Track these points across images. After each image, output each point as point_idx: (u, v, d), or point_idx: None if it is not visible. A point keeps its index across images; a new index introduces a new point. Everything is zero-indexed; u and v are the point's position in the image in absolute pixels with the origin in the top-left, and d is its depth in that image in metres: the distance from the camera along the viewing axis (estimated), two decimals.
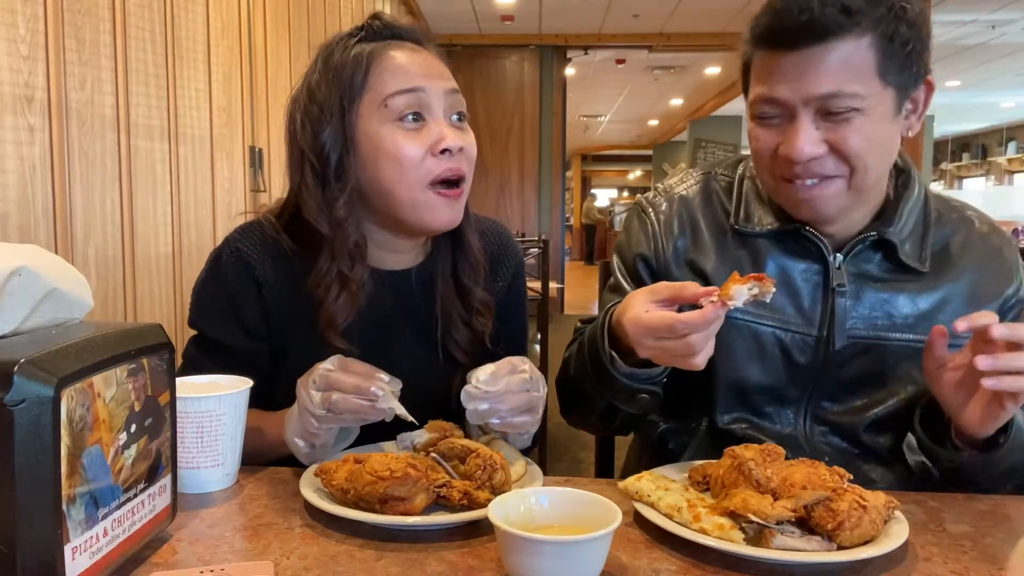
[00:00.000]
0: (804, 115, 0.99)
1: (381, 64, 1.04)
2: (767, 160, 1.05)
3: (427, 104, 1.04)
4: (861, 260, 1.11)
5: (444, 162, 1.03)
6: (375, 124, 1.03)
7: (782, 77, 0.99)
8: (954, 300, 1.10)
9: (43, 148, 1.64)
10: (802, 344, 1.11)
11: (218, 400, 0.94)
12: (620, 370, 0.99)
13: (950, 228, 1.15)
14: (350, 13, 4.15)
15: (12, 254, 0.70)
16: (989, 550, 0.82)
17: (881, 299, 1.10)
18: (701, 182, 1.22)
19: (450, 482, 0.86)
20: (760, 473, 0.85)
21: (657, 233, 1.19)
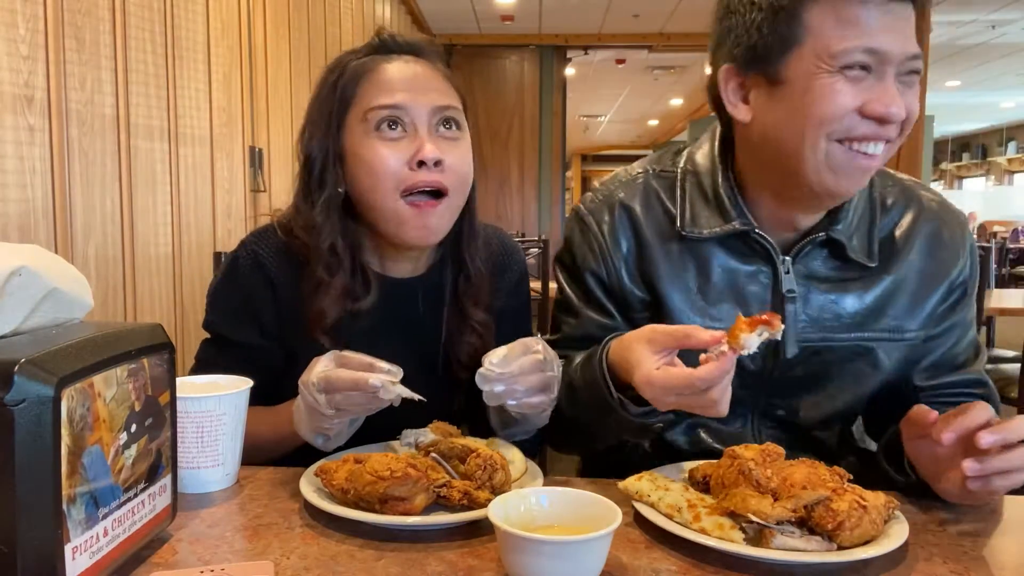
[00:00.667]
0: (891, 73, 0.95)
1: (369, 78, 1.07)
2: (839, 118, 0.96)
3: (409, 119, 1.06)
4: (809, 260, 1.08)
5: (419, 174, 1.04)
6: (359, 135, 1.06)
7: (885, 29, 0.94)
8: (901, 291, 1.08)
9: (43, 148, 1.64)
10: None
11: (218, 400, 0.94)
12: (632, 412, 0.95)
13: (896, 211, 1.12)
14: (350, 13, 4.15)
15: (12, 254, 0.70)
16: (989, 550, 0.82)
17: (828, 300, 1.08)
18: (641, 184, 1.15)
19: (450, 482, 0.86)
20: (760, 473, 0.85)
21: (604, 247, 1.13)
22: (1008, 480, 0.85)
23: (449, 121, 1.08)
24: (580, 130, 15.53)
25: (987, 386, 1.11)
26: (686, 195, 1.12)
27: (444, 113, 1.07)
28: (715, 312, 1.08)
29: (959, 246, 1.11)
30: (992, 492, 0.87)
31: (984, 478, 0.83)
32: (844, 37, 0.94)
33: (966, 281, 1.12)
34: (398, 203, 1.05)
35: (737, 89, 1.05)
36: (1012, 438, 0.83)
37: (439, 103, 1.07)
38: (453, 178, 1.07)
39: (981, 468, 0.82)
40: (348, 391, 0.90)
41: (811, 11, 0.96)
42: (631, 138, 17.31)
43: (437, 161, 1.04)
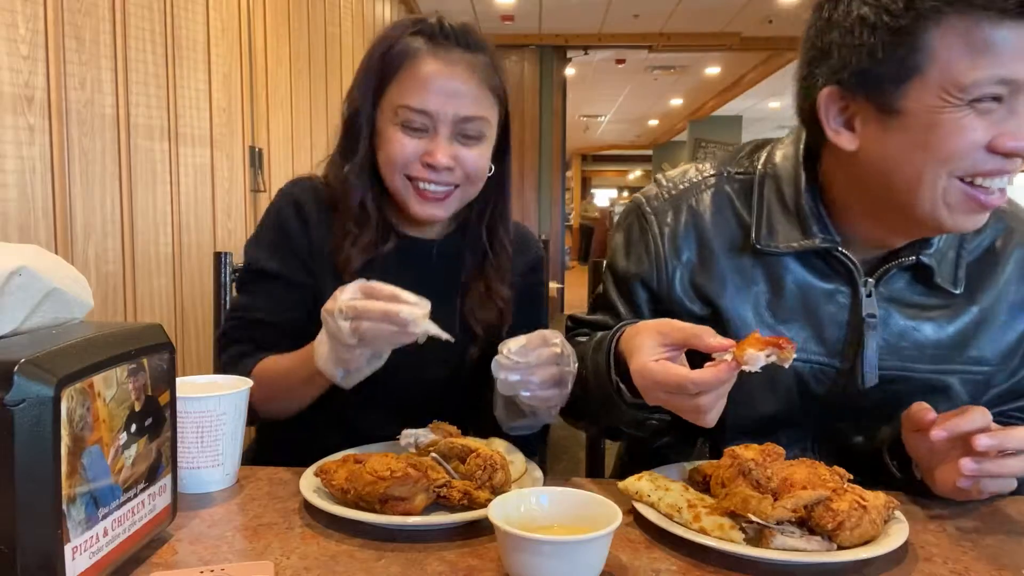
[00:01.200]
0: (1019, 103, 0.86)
1: (408, 72, 1.12)
2: (966, 155, 0.87)
3: (432, 123, 1.11)
4: (892, 283, 1.01)
5: (427, 171, 1.12)
6: (387, 121, 1.14)
7: (1020, 54, 0.83)
8: (987, 322, 1.01)
9: (43, 148, 1.64)
10: (820, 375, 1.02)
11: (218, 400, 0.94)
12: (627, 400, 0.92)
13: (987, 232, 1.03)
14: (350, 13, 4.15)
15: (12, 254, 0.70)
16: (989, 550, 0.82)
17: (910, 326, 1.00)
18: (714, 188, 1.07)
19: (450, 482, 0.86)
20: (760, 473, 0.85)
21: (660, 252, 1.06)
22: (997, 485, 0.86)
23: (470, 132, 1.13)
24: (580, 130, 15.54)
25: None
26: (763, 202, 1.04)
27: (467, 124, 1.12)
28: (784, 330, 1.02)
29: None
30: (979, 492, 0.88)
31: (976, 479, 0.84)
32: (975, 66, 0.83)
33: None
34: (406, 185, 1.14)
35: (839, 114, 0.94)
36: (1008, 446, 0.84)
37: (466, 113, 1.11)
38: (462, 177, 1.14)
39: (978, 469, 0.83)
40: (376, 321, 0.90)
41: (935, 34, 0.85)
42: (631, 138, 17.31)
43: (447, 167, 1.11)
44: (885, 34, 0.87)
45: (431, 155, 1.10)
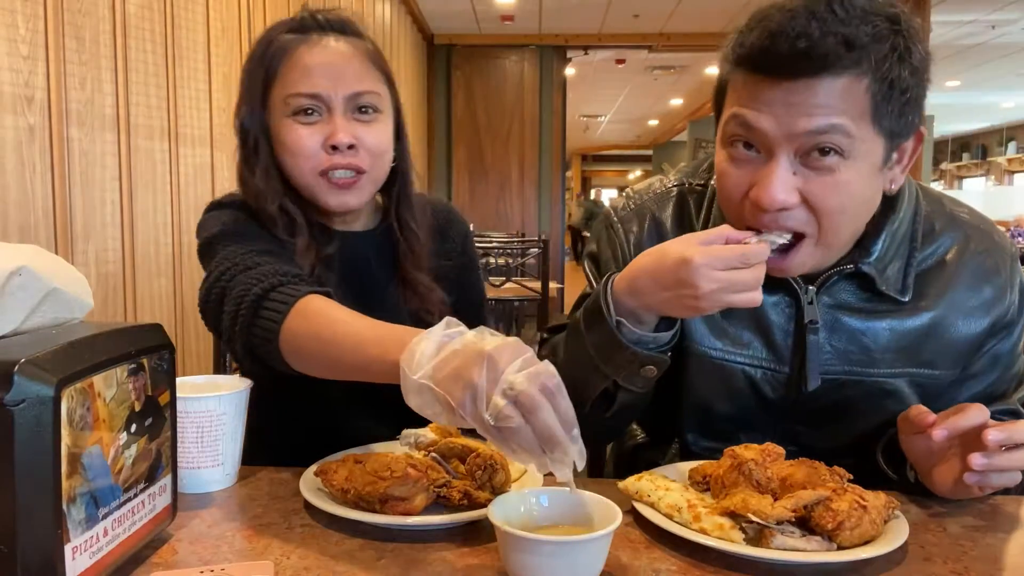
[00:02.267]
0: (783, 156, 0.90)
1: (290, 61, 1.11)
2: (735, 204, 0.96)
3: (326, 105, 1.10)
4: (837, 290, 1.03)
5: (334, 157, 1.10)
6: (279, 116, 1.12)
7: (766, 106, 0.89)
8: (940, 328, 1.02)
9: (43, 148, 1.64)
10: (773, 381, 1.05)
11: (218, 400, 0.94)
12: (628, 336, 0.92)
13: (942, 241, 1.05)
14: (350, 13, 4.15)
15: (12, 254, 0.70)
16: (989, 550, 0.82)
17: (858, 330, 1.02)
18: (675, 197, 1.13)
19: (450, 482, 0.86)
20: (760, 473, 0.85)
21: (628, 257, 1.10)
22: (1002, 479, 0.86)
23: (365, 107, 1.12)
24: (580, 130, 15.54)
25: (1021, 416, 1.06)
26: (712, 215, 1.09)
27: (360, 99, 1.11)
28: (737, 335, 1.05)
29: (1006, 282, 1.04)
30: (985, 487, 0.88)
31: (984, 474, 0.85)
32: (727, 111, 0.95)
33: (1013, 321, 1.05)
34: (317, 180, 1.11)
35: None
36: (1017, 439, 0.84)
37: (355, 89, 1.11)
38: (368, 157, 1.12)
39: (988, 463, 0.84)
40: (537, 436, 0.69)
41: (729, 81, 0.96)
42: (631, 138, 17.31)
43: (350, 145, 1.09)
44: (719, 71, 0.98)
45: (332, 136, 1.08)
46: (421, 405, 0.72)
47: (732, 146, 0.94)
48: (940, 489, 0.92)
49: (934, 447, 0.89)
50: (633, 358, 0.93)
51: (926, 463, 0.92)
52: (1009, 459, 0.85)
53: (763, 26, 0.88)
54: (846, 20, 0.85)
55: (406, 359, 0.73)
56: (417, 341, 0.74)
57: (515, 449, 0.70)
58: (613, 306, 0.93)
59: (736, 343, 1.05)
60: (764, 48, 0.87)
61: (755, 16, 0.91)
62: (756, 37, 0.88)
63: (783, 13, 0.87)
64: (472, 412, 0.68)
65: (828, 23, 0.85)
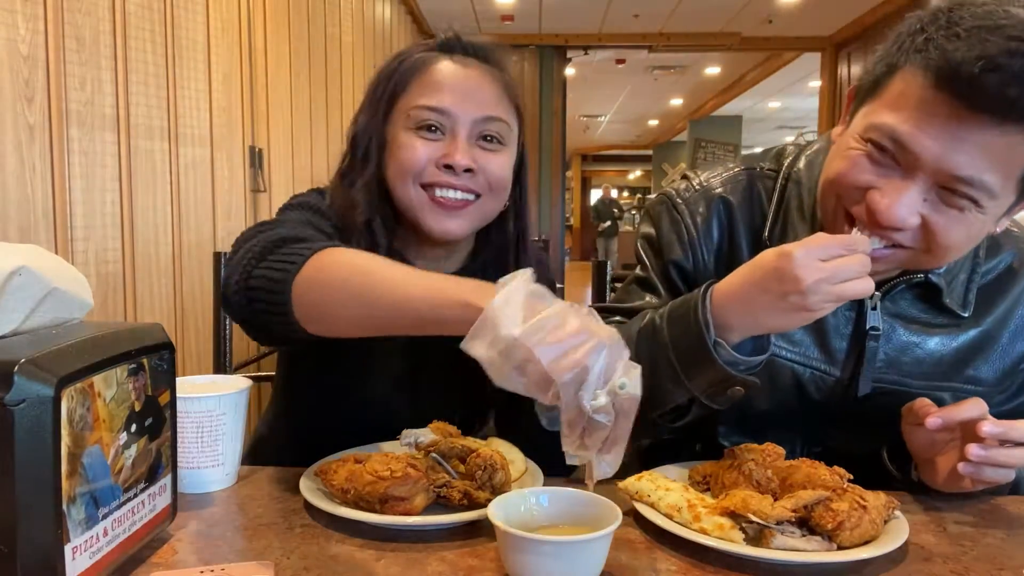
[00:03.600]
0: (921, 181, 0.85)
1: (422, 74, 1.07)
2: (850, 195, 0.91)
3: (450, 124, 1.05)
4: (900, 299, 1.02)
5: (443, 175, 1.03)
6: (399, 128, 1.07)
7: (931, 130, 0.83)
8: (988, 343, 1.02)
9: (43, 148, 1.64)
10: (819, 381, 1.04)
11: (218, 400, 0.94)
12: (724, 356, 0.87)
13: (1003, 257, 1.04)
14: (350, 13, 4.15)
15: (12, 254, 0.70)
16: (989, 550, 0.82)
17: (912, 342, 1.01)
18: (744, 180, 1.10)
19: (450, 482, 0.86)
20: (760, 473, 0.86)
21: (694, 239, 1.08)
22: (998, 474, 0.87)
23: (491, 135, 1.06)
24: (580, 130, 15.53)
25: None
26: (784, 203, 1.06)
27: (487, 125, 1.05)
28: (791, 333, 1.03)
29: None
30: (978, 481, 0.88)
31: (978, 466, 0.85)
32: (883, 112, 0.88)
33: None
34: (419, 191, 1.05)
35: None
36: (1013, 437, 0.85)
37: (484, 113, 1.05)
38: (484, 183, 1.05)
39: (985, 456, 0.84)
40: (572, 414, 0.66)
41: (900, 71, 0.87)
42: (631, 138, 17.30)
43: (468, 168, 1.03)
44: (888, 50, 0.90)
45: (449, 156, 1.02)
46: (497, 363, 0.65)
47: (872, 145, 0.89)
48: (934, 480, 0.93)
49: (934, 438, 0.90)
50: (725, 378, 0.88)
51: (924, 454, 0.93)
52: (1006, 455, 0.85)
53: (978, 48, 0.79)
54: None
55: (498, 308, 0.65)
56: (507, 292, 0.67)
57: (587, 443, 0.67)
58: (712, 323, 0.87)
59: (788, 339, 1.03)
60: (972, 77, 0.79)
61: (963, 22, 0.81)
62: (966, 57, 0.79)
63: (1002, 41, 0.78)
64: (569, 391, 0.64)
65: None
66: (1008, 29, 0.79)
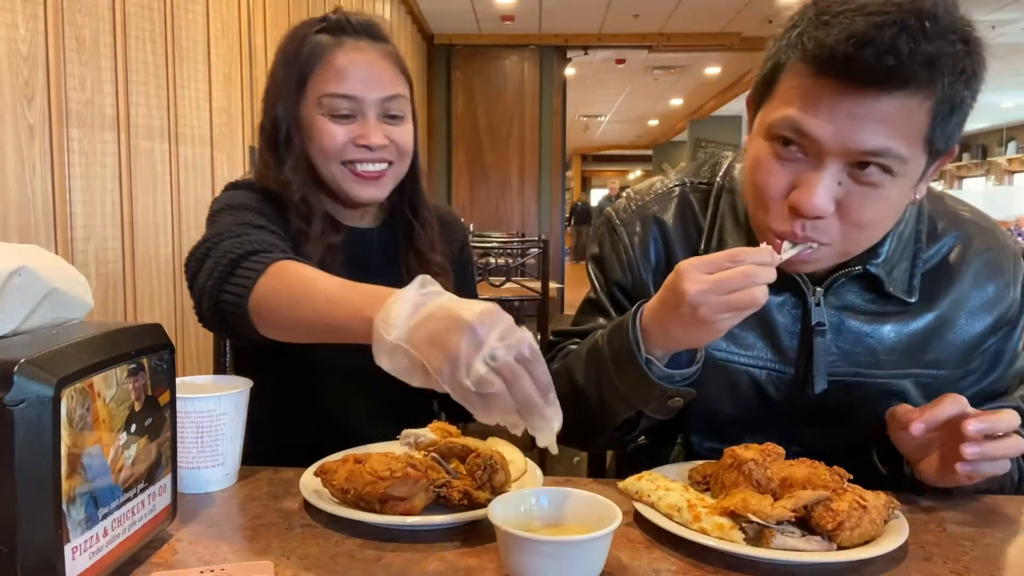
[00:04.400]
0: (832, 165, 0.88)
1: (324, 63, 1.16)
2: (771, 201, 0.93)
3: (359, 107, 1.16)
4: (843, 291, 1.03)
5: (362, 152, 1.17)
6: (312, 112, 1.17)
7: (827, 114, 0.85)
8: (944, 328, 1.03)
9: (43, 148, 1.64)
10: (777, 382, 1.05)
11: (218, 400, 0.94)
12: (657, 373, 0.92)
13: (946, 240, 1.06)
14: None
15: (12, 254, 0.70)
16: (989, 550, 0.82)
17: (863, 332, 1.03)
18: (677, 198, 1.13)
19: (450, 482, 0.86)
20: (760, 473, 0.85)
21: (632, 259, 1.12)
22: (995, 467, 0.87)
23: (394, 110, 1.19)
24: (580, 130, 15.54)
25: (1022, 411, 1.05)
26: (718, 213, 1.08)
27: (390, 103, 1.18)
28: (741, 337, 1.04)
29: (1010, 281, 1.05)
30: (975, 476, 0.88)
31: (975, 463, 0.85)
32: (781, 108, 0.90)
33: (1015, 318, 1.06)
34: (342, 169, 1.18)
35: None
36: (999, 429, 0.85)
37: (388, 93, 1.17)
38: (395, 151, 1.19)
39: (980, 452, 0.84)
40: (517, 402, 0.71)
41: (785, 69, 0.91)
42: (631, 138, 17.31)
43: (383, 146, 1.17)
44: (770, 53, 0.94)
45: (364, 137, 1.15)
46: (394, 367, 0.72)
47: (777, 142, 0.91)
48: (930, 478, 0.93)
49: (922, 439, 0.91)
50: (662, 393, 0.93)
51: (916, 455, 0.94)
52: (1001, 448, 0.86)
53: (847, 29, 0.82)
54: (931, 36, 0.81)
55: (381, 318, 0.72)
56: (392, 300, 0.73)
57: (494, 414, 0.71)
58: (642, 343, 0.92)
59: (740, 344, 1.05)
60: (847, 55, 0.81)
61: (830, 10, 0.85)
62: (837, 39, 0.82)
63: (868, 17, 0.81)
64: (450, 378, 0.69)
65: (917, 40, 0.80)
66: (870, 6, 0.82)
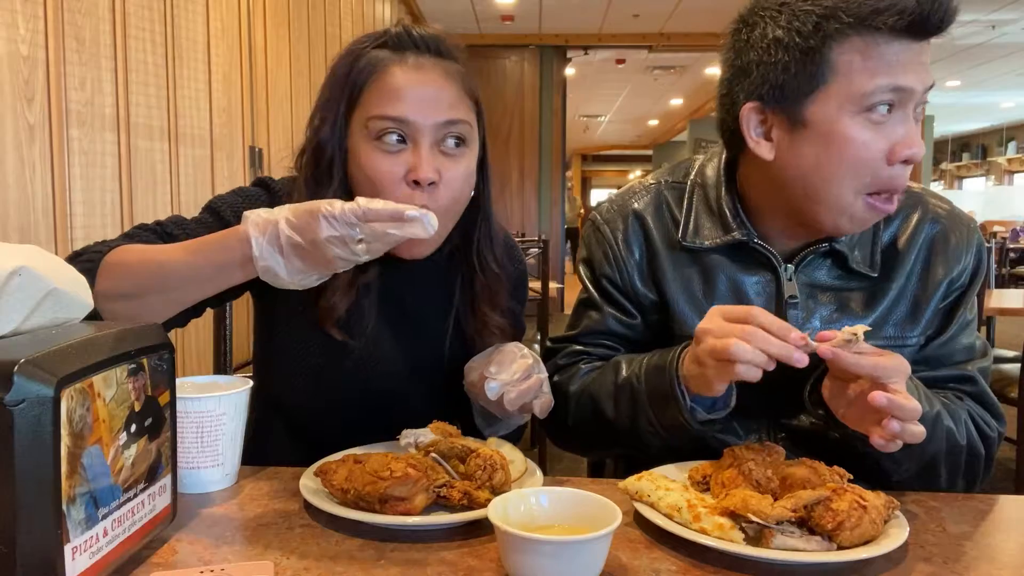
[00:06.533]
0: (910, 110, 0.97)
1: (378, 80, 1.02)
2: (868, 165, 0.97)
3: (412, 133, 1.01)
4: (811, 268, 1.10)
5: (416, 194, 1.01)
6: (359, 139, 1.03)
7: (914, 66, 0.95)
8: (903, 299, 1.09)
9: (43, 148, 1.64)
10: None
11: (218, 400, 0.94)
12: (699, 418, 0.98)
13: (900, 216, 1.12)
14: (350, 13, 4.15)
15: (12, 254, 0.70)
16: (989, 550, 0.82)
17: (832, 310, 1.09)
18: (652, 193, 1.20)
19: (450, 482, 0.86)
20: (760, 473, 0.86)
21: (617, 254, 1.17)
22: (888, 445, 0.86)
23: (453, 138, 1.04)
24: (580, 130, 15.54)
25: (976, 383, 1.10)
26: (692, 206, 1.16)
27: (449, 129, 1.02)
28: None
29: (963, 248, 1.11)
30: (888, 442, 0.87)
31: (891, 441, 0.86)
32: (872, 77, 0.94)
33: (967, 282, 1.12)
34: None
35: (759, 125, 1.04)
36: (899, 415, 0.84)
37: (446, 118, 1.02)
38: (446, 198, 1.03)
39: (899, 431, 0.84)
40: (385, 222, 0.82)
41: (838, 51, 0.95)
42: (631, 138, 17.32)
43: (432, 182, 1.01)
44: (796, 52, 0.97)
45: (414, 171, 0.99)
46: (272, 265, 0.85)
47: (873, 111, 0.96)
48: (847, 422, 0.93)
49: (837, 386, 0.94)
50: (700, 435, 1.00)
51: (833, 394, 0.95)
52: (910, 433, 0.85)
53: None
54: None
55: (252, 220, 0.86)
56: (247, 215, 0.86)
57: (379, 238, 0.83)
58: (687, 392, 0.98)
59: None
60: (911, 11, 0.91)
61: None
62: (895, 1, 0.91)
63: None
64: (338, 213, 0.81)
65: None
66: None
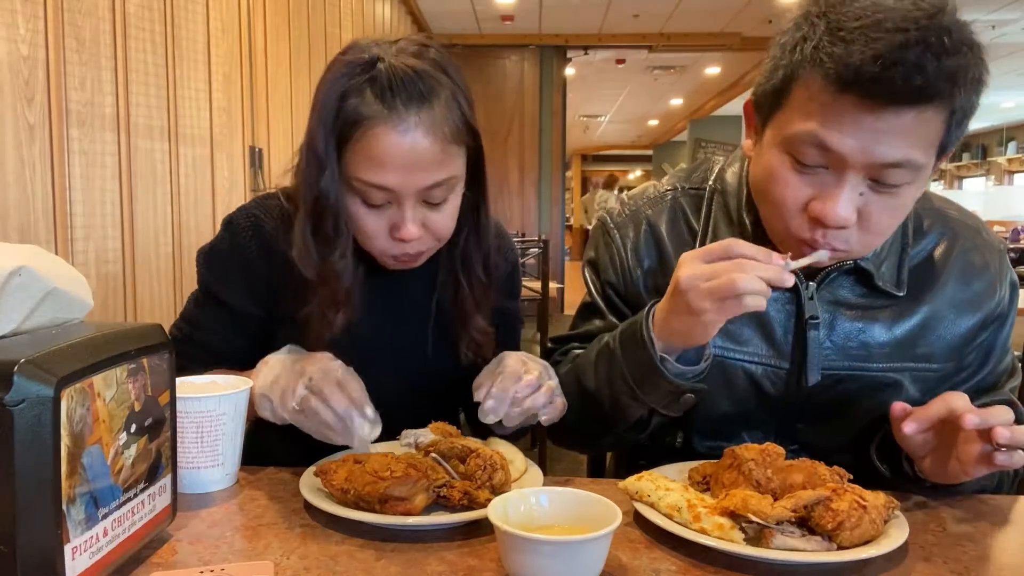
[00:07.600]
0: (852, 176, 0.89)
1: (361, 141, 0.98)
2: (791, 212, 0.94)
3: (395, 196, 1.01)
4: (835, 286, 1.05)
5: (400, 246, 1.04)
6: (348, 190, 1.03)
7: (851, 129, 0.86)
8: (934, 321, 1.05)
9: (43, 148, 1.64)
10: (773, 376, 1.06)
11: (218, 400, 0.94)
12: (671, 370, 0.94)
13: (931, 237, 1.08)
14: (350, 13, 4.15)
15: (12, 254, 0.70)
16: (989, 550, 0.82)
17: (856, 328, 1.05)
18: (669, 203, 1.15)
19: (450, 482, 0.86)
20: (760, 473, 0.86)
21: (625, 262, 1.14)
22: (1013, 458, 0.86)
23: (436, 197, 1.03)
24: (580, 130, 15.53)
25: (1016, 407, 1.05)
26: (711, 214, 1.12)
27: (432, 191, 1.02)
28: (738, 334, 1.06)
29: (995, 277, 1.08)
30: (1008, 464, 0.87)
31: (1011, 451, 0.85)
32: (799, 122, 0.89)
33: (1004, 314, 1.09)
34: (383, 256, 1.08)
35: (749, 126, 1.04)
36: (993, 422, 0.85)
37: (431, 182, 1.00)
38: (431, 241, 1.06)
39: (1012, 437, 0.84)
40: (329, 412, 0.93)
41: (800, 80, 0.89)
42: (631, 138, 17.31)
43: (417, 237, 1.03)
44: (779, 65, 0.93)
45: (397, 229, 1.02)
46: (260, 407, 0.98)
47: (796, 155, 0.91)
48: (933, 475, 0.93)
49: (922, 438, 0.92)
50: (675, 389, 0.96)
51: (918, 453, 0.94)
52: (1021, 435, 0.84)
53: (870, 48, 0.82)
54: (950, 51, 0.82)
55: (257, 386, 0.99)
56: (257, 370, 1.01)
57: (316, 427, 0.94)
58: (656, 341, 0.94)
59: (736, 340, 1.06)
60: (874, 76, 0.82)
61: (845, 25, 0.84)
62: (863, 59, 0.82)
63: (890, 36, 0.81)
64: (280, 403, 0.95)
65: (940, 57, 0.81)
66: (887, 21, 0.82)
